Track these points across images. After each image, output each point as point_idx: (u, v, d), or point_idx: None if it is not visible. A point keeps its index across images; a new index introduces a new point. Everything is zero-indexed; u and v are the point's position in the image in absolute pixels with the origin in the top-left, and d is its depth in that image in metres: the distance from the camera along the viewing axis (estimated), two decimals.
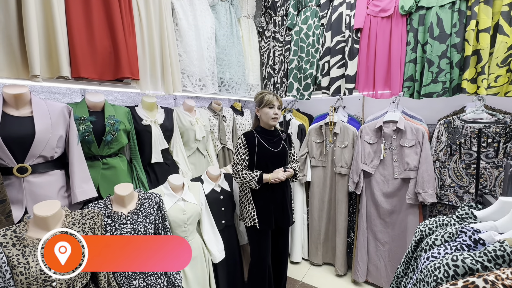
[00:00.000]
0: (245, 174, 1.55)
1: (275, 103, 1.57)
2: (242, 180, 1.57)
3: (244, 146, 1.59)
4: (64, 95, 1.61)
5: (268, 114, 1.58)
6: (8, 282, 0.86)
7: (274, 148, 1.61)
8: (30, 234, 0.94)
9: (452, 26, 1.72)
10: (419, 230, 0.93)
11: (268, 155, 1.60)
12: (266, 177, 1.55)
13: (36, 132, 1.11)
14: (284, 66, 2.60)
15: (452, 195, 1.80)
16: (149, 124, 1.66)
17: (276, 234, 1.74)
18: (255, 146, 1.58)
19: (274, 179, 1.55)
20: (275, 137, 1.65)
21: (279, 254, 1.79)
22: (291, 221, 1.73)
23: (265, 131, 1.64)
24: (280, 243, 1.77)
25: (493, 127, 1.64)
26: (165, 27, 1.72)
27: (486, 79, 1.63)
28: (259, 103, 1.61)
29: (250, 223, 1.61)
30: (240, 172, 1.57)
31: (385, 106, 2.15)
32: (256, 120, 1.68)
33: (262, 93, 1.62)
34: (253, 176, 1.54)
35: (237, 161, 1.59)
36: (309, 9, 2.39)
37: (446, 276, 0.65)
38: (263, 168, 1.59)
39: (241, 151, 1.59)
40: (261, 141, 1.59)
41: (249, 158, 1.60)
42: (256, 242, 1.68)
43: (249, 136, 1.61)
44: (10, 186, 1.09)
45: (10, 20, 1.09)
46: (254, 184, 1.54)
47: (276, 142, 1.64)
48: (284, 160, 1.66)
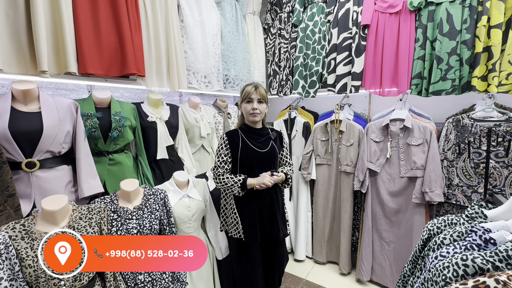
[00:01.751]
0: (227, 179, 1.36)
1: (253, 97, 1.36)
2: (224, 186, 1.37)
3: (226, 147, 1.39)
4: (71, 91, 1.62)
5: (246, 109, 1.38)
6: (17, 275, 0.87)
7: (260, 149, 1.40)
8: (38, 228, 0.95)
9: (462, 22, 1.69)
10: (427, 229, 0.92)
11: (253, 156, 1.39)
12: (250, 182, 1.34)
13: (44, 127, 1.12)
14: (290, 63, 2.58)
15: (460, 194, 1.77)
16: (154, 121, 1.67)
17: (266, 248, 1.51)
18: (238, 146, 1.38)
19: (259, 185, 1.34)
20: (262, 136, 1.44)
21: (269, 273, 1.55)
22: (282, 234, 1.47)
23: (250, 129, 1.43)
24: (272, 259, 1.54)
25: (504, 126, 1.60)
26: (171, 24, 1.72)
27: (497, 77, 1.59)
28: (240, 97, 1.43)
29: (235, 235, 1.42)
30: (220, 176, 1.37)
31: (392, 104, 2.12)
32: (241, 117, 1.49)
33: (244, 86, 1.42)
34: (235, 181, 1.34)
35: (218, 163, 1.39)
36: (315, 6, 2.36)
37: (456, 276, 0.64)
38: (248, 172, 1.39)
39: (223, 152, 1.39)
40: (245, 140, 1.39)
41: (232, 160, 1.40)
42: (241, 257, 1.47)
43: (231, 135, 1.41)
44: (19, 181, 1.11)
45: (18, 16, 1.10)
46: (236, 191, 1.35)
47: (264, 142, 1.43)
48: (273, 162, 1.44)
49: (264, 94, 1.40)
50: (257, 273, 1.48)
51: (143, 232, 1.22)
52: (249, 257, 1.46)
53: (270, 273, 1.56)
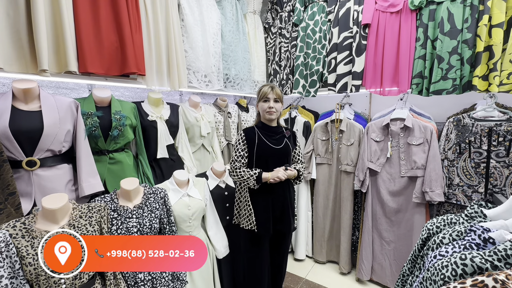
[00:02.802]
0: (243, 172, 1.46)
1: (269, 96, 1.47)
2: (240, 178, 1.47)
3: (243, 142, 1.49)
4: (72, 90, 1.63)
5: (263, 107, 1.49)
6: (17, 273, 0.88)
7: (275, 145, 1.50)
8: (38, 226, 0.96)
9: (463, 21, 1.68)
10: (426, 228, 0.92)
11: (269, 152, 1.49)
12: (265, 176, 1.44)
13: (45, 126, 1.13)
14: (290, 62, 2.58)
15: (461, 194, 1.76)
16: (155, 120, 1.67)
17: (275, 240, 1.61)
18: (254, 142, 1.48)
19: (273, 179, 1.42)
20: (277, 134, 1.54)
21: (277, 260, 1.67)
22: (292, 227, 1.58)
23: (266, 127, 1.53)
24: (280, 249, 1.64)
25: (505, 125, 1.60)
26: (171, 23, 1.72)
27: (498, 76, 1.58)
28: (257, 97, 1.55)
29: (247, 226, 1.51)
30: (238, 170, 1.47)
31: (392, 104, 2.12)
32: (257, 115, 1.60)
33: (261, 87, 1.54)
34: (251, 174, 1.44)
35: (235, 157, 1.50)
36: (316, 5, 2.36)
37: (454, 275, 0.64)
38: (263, 166, 1.48)
39: (240, 147, 1.49)
40: (261, 137, 1.49)
41: (249, 155, 1.50)
42: (252, 247, 1.56)
43: (249, 131, 1.52)
44: (19, 179, 1.11)
45: (19, 15, 1.10)
46: (252, 183, 1.44)
47: (279, 139, 1.53)
48: (287, 158, 1.55)
49: (279, 94, 1.50)
50: (264, 262, 1.58)
51: (143, 230, 1.22)
52: (259, 247, 1.55)
53: (278, 261, 1.67)
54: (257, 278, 1.58)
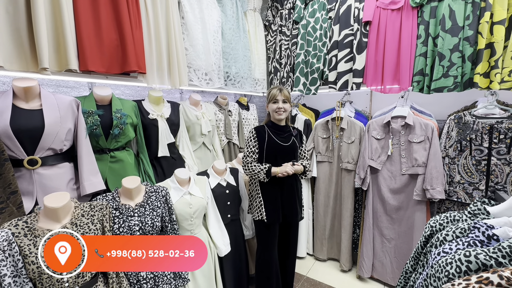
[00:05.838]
0: (254, 166, 1.59)
1: (278, 98, 1.60)
2: (251, 172, 1.60)
3: (254, 139, 1.63)
4: (72, 88, 1.62)
5: (272, 108, 1.63)
6: (20, 271, 0.88)
7: (283, 143, 1.64)
8: (40, 225, 0.95)
9: (465, 18, 1.67)
10: (429, 225, 0.92)
11: (277, 149, 1.62)
12: (274, 170, 1.57)
13: (45, 125, 1.12)
14: (291, 60, 2.57)
15: (461, 191, 1.77)
16: (155, 118, 1.66)
17: (284, 228, 1.75)
18: (264, 139, 1.62)
19: (282, 173, 1.56)
20: (285, 132, 1.68)
21: (287, 248, 1.80)
22: (300, 217, 1.74)
23: (275, 126, 1.67)
24: (289, 237, 1.78)
25: (506, 123, 1.60)
26: (171, 21, 1.71)
27: (499, 73, 1.58)
28: (267, 99, 1.68)
29: (258, 217, 1.63)
30: (249, 164, 1.61)
31: (393, 101, 2.12)
32: (267, 115, 1.74)
33: (270, 89, 1.67)
34: (261, 168, 1.57)
35: (247, 153, 1.63)
36: (316, 2, 2.34)
37: (458, 272, 0.64)
38: (272, 161, 1.62)
39: (251, 143, 1.63)
40: (270, 134, 1.64)
41: (259, 151, 1.63)
42: (263, 236, 1.70)
43: (259, 129, 1.66)
44: (21, 178, 1.11)
45: (19, 13, 1.09)
46: (262, 177, 1.57)
47: (286, 137, 1.66)
48: (294, 155, 1.68)
49: (287, 95, 1.63)
50: (274, 253, 1.72)
51: (145, 229, 1.22)
52: (270, 232, 1.68)
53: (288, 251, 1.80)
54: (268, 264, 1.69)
